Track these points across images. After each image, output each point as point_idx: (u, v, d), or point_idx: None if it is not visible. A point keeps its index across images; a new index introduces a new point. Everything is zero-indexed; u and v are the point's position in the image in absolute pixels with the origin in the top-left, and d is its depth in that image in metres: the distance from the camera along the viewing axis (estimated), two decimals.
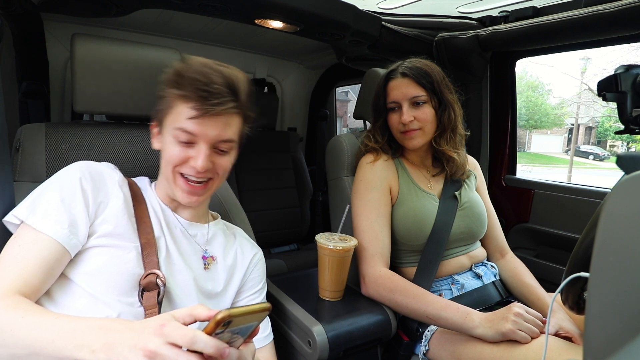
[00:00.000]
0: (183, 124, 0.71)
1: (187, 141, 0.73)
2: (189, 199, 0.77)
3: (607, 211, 0.37)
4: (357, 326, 0.94)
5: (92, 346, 0.51)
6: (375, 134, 1.19)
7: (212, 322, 0.48)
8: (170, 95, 0.74)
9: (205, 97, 0.69)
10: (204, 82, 0.69)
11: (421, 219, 1.09)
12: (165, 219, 0.81)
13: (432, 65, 1.12)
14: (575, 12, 1.20)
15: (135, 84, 0.96)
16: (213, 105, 0.70)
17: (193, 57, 0.74)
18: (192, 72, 0.70)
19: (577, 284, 0.57)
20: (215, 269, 0.84)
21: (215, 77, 0.70)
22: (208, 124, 0.72)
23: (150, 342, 0.48)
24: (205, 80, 0.69)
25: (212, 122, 0.72)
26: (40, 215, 0.67)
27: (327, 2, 1.22)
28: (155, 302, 0.71)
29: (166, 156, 0.75)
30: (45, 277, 0.64)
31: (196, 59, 0.74)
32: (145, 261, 0.73)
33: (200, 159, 0.72)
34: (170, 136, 0.74)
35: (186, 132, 0.72)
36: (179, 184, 0.76)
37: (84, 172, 0.73)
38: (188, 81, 0.70)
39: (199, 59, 0.74)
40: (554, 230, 1.48)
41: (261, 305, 0.51)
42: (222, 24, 1.69)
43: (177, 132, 0.72)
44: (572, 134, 17.64)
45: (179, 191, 0.76)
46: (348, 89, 10.44)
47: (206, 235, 0.86)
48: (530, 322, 0.86)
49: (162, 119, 0.77)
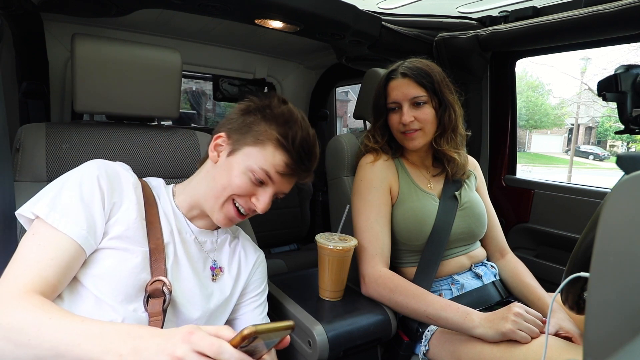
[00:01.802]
0: (270, 171, 0.76)
1: (262, 183, 0.77)
2: (226, 223, 0.80)
3: (607, 211, 0.37)
4: (357, 326, 0.94)
5: (120, 351, 0.51)
6: (375, 134, 1.19)
7: (238, 336, 0.49)
8: (268, 132, 0.77)
9: (302, 162, 0.78)
10: (306, 152, 0.79)
11: (421, 219, 1.09)
12: (177, 225, 0.80)
13: (432, 66, 1.12)
14: (575, 12, 1.20)
15: (135, 84, 0.96)
16: (303, 172, 0.79)
17: (296, 112, 0.81)
18: (301, 138, 0.77)
19: (577, 284, 0.57)
20: (222, 279, 0.85)
21: (313, 149, 0.81)
22: (288, 180, 0.79)
23: (178, 349, 0.49)
24: (308, 151, 0.79)
25: (290, 180, 0.80)
26: (59, 213, 0.65)
27: (327, 2, 1.22)
28: (160, 309, 0.70)
29: (229, 182, 0.77)
30: (63, 278, 0.64)
31: (298, 115, 0.81)
32: (152, 267, 0.73)
33: (265, 202, 0.78)
34: (245, 167, 0.76)
35: (269, 179, 0.77)
36: (226, 209, 0.78)
37: (101, 170, 0.73)
38: (297, 143, 0.77)
39: (300, 117, 0.81)
40: (554, 230, 1.48)
41: (286, 324, 0.52)
42: (222, 24, 1.68)
43: (259, 171, 0.76)
44: (572, 134, 17.64)
45: (222, 215, 0.79)
46: (348, 89, 10.44)
47: (215, 242, 0.86)
48: (530, 322, 0.86)
49: (241, 142, 0.79)
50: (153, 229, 0.75)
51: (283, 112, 0.78)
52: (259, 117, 0.78)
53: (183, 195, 0.83)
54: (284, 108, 0.79)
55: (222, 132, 0.81)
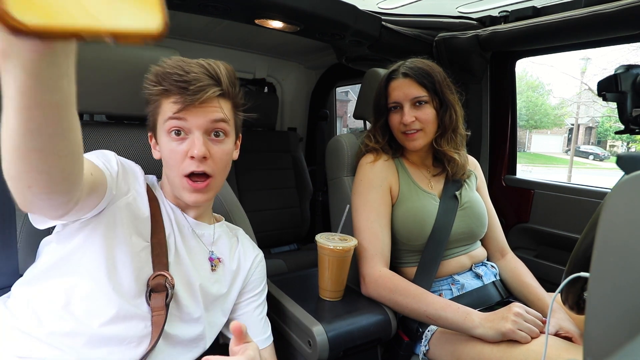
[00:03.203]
0: (171, 114, 0.71)
1: (182, 135, 0.73)
2: (195, 197, 0.76)
3: (607, 211, 0.37)
4: (357, 326, 0.94)
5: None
6: (375, 134, 1.19)
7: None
8: (153, 96, 0.74)
9: (185, 88, 0.69)
10: (180, 74, 0.69)
11: (421, 219, 1.09)
12: (176, 218, 0.81)
13: (433, 66, 1.12)
14: (575, 12, 1.20)
15: (135, 84, 0.96)
16: (195, 93, 0.69)
17: (169, 57, 0.74)
18: (168, 68, 0.71)
19: (577, 284, 0.57)
20: (221, 271, 0.84)
21: (192, 67, 0.70)
22: (195, 112, 0.71)
23: None
24: (182, 72, 0.69)
25: (199, 110, 0.71)
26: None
27: (327, 2, 1.22)
28: (163, 304, 0.71)
29: (167, 159, 0.75)
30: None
31: (172, 58, 0.74)
32: (154, 261, 0.73)
33: (196, 146, 0.71)
34: (164, 137, 0.74)
35: (176, 126, 0.72)
36: (185, 186, 0.75)
37: (117, 157, 0.75)
38: (165, 77, 0.70)
39: (175, 57, 0.74)
40: (554, 230, 1.48)
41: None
42: (222, 24, 1.68)
43: (167, 124, 0.72)
44: (572, 134, 17.64)
45: (186, 192, 0.76)
46: (348, 89, 10.44)
47: (212, 236, 0.86)
48: (530, 322, 0.86)
49: (154, 125, 0.77)
50: (155, 222, 0.76)
51: (152, 70, 0.74)
52: (145, 93, 0.76)
53: (165, 191, 0.84)
54: (153, 67, 0.75)
55: (149, 133, 0.81)
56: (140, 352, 0.68)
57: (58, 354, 0.63)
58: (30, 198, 0.48)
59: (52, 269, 0.69)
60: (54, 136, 0.41)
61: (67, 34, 0.26)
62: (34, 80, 0.35)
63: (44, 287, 0.68)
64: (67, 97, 0.40)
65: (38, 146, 0.41)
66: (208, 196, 0.79)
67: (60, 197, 0.51)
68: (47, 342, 0.63)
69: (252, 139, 2.15)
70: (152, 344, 0.68)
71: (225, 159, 0.77)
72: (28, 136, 0.40)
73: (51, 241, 0.72)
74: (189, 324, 0.77)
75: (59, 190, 0.49)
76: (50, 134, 0.41)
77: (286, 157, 2.28)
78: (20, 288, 0.70)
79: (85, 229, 0.69)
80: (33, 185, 0.45)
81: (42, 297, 0.67)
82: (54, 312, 0.65)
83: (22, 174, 0.44)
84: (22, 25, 0.24)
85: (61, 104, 0.40)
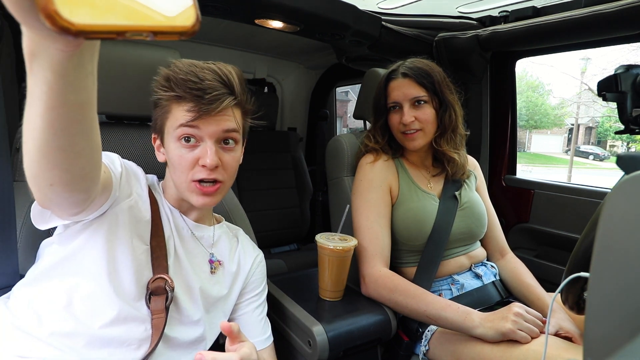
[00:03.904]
0: (184, 122, 0.70)
1: (192, 142, 0.72)
2: (203, 201, 0.75)
3: (607, 211, 0.37)
4: (357, 326, 0.94)
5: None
6: (375, 134, 1.19)
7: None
8: (164, 100, 0.72)
9: (200, 96, 0.68)
10: (194, 81, 0.67)
11: (421, 219, 1.09)
12: (174, 221, 0.80)
13: (433, 66, 1.12)
14: (575, 12, 1.20)
15: (135, 84, 0.96)
16: (210, 103, 0.68)
17: (179, 60, 0.73)
18: (181, 74, 0.69)
19: (577, 284, 0.57)
20: (221, 273, 0.84)
21: (206, 74, 0.69)
22: (209, 121, 0.70)
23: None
24: (196, 79, 0.68)
25: (212, 119, 0.70)
26: None
27: (327, 2, 1.22)
28: (163, 307, 0.71)
29: (176, 164, 0.73)
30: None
31: (183, 61, 0.72)
32: (154, 264, 0.73)
33: (209, 155, 0.70)
34: (173, 142, 0.73)
35: (188, 134, 0.71)
36: (194, 189, 0.74)
37: (121, 159, 0.75)
38: (179, 83, 0.68)
39: (186, 61, 0.72)
40: (554, 230, 1.48)
41: None
42: (222, 24, 1.68)
43: (178, 131, 0.71)
44: (572, 134, 17.63)
45: (194, 195, 0.75)
46: (348, 89, 10.44)
47: (212, 237, 0.85)
48: (530, 322, 0.86)
49: (161, 128, 0.76)
50: (155, 225, 0.76)
51: (163, 73, 0.73)
52: (156, 96, 0.74)
53: (167, 193, 0.83)
54: (164, 70, 0.73)
55: (154, 134, 0.80)
56: (141, 355, 0.68)
57: (58, 354, 0.63)
58: (51, 196, 0.49)
59: (54, 270, 0.69)
60: (76, 135, 0.42)
61: (112, 32, 0.26)
62: (61, 80, 0.35)
63: (45, 287, 0.68)
64: (91, 97, 0.40)
65: (62, 145, 0.42)
66: (216, 199, 0.78)
67: (80, 194, 0.52)
68: (47, 342, 0.63)
69: (252, 139, 2.14)
70: (152, 346, 0.68)
71: (235, 166, 0.78)
72: (52, 135, 0.40)
73: (53, 242, 0.72)
74: (189, 326, 0.77)
75: (79, 188, 0.50)
76: (73, 132, 0.42)
77: (286, 157, 2.28)
78: (22, 288, 0.70)
79: (88, 230, 0.69)
80: (55, 184, 0.46)
81: (43, 298, 0.67)
82: (55, 312, 0.65)
83: (45, 172, 0.45)
84: (72, 25, 0.24)
85: (85, 103, 0.40)
